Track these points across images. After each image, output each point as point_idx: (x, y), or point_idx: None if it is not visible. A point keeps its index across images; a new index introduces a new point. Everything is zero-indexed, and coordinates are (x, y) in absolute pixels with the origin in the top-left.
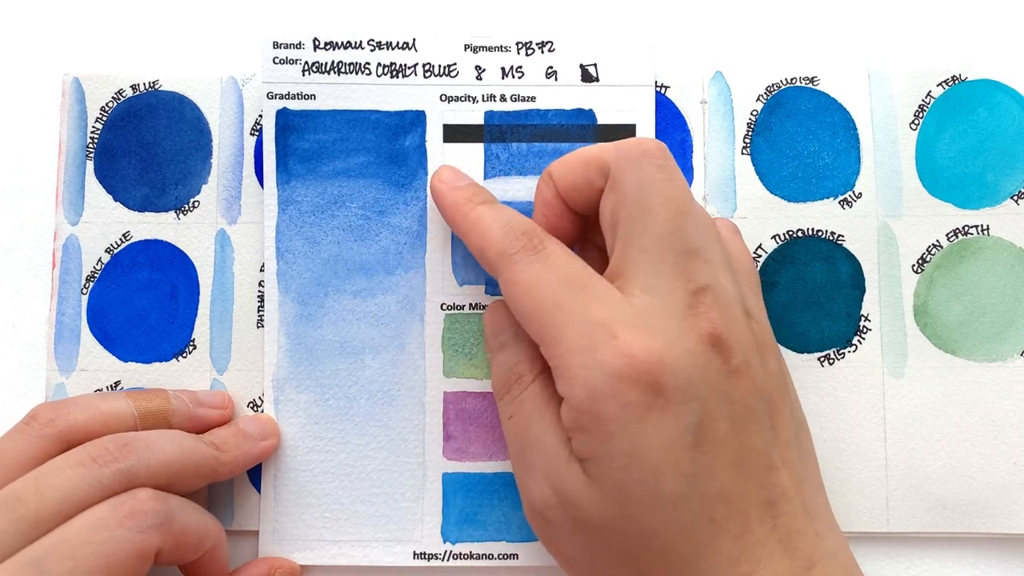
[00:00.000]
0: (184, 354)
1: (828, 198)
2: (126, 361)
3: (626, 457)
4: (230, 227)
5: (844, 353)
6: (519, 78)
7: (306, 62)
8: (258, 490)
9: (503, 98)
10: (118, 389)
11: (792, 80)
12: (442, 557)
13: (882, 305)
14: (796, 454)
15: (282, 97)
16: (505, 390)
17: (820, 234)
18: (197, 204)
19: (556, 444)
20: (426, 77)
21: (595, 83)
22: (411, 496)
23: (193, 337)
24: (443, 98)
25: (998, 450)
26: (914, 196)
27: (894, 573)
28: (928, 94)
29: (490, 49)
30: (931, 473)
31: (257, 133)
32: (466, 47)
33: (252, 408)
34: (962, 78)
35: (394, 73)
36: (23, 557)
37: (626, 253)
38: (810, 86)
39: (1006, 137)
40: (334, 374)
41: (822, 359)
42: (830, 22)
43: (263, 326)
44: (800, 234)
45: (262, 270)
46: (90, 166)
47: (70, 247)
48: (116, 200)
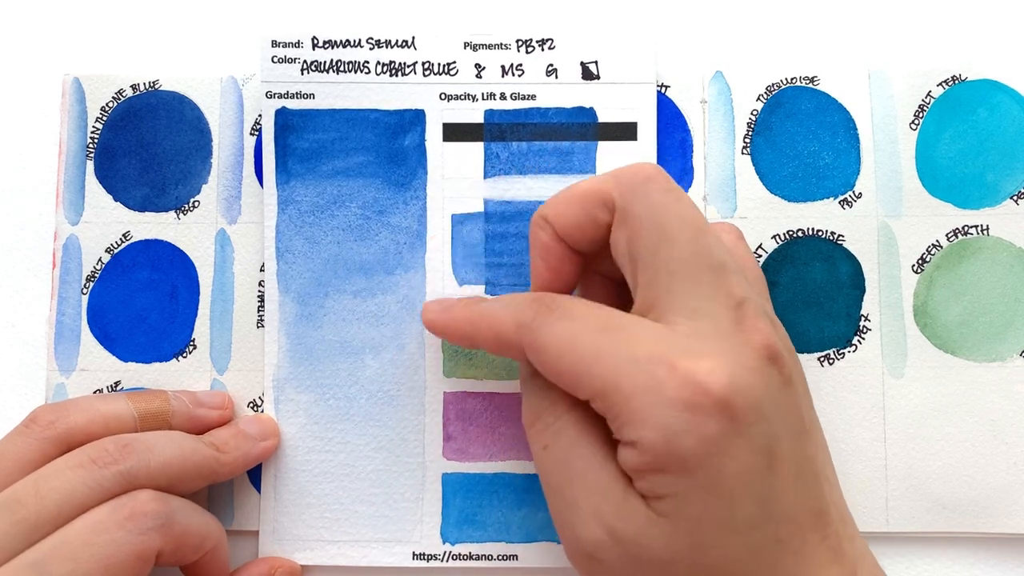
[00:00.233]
0: (184, 354)
1: (828, 198)
2: (126, 361)
3: (705, 490)
4: (230, 227)
5: (844, 353)
6: (519, 76)
7: (305, 61)
8: (258, 490)
9: (503, 96)
10: (118, 389)
11: (792, 80)
12: (441, 558)
13: (882, 305)
14: (827, 453)
15: (281, 96)
16: (536, 417)
17: (820, 234)
18: (197, 204)
19: (606, 481)
20: (425, 75)
21: (596, 81)
22: (411, 496)
23: (193, 337)
24: (443, 97)
25: (998, 450)
26: (914, 196)
27: (894, 573)
28: (928, 94)
29: (490, 47)
30: (931, 473)
31: (257, 133)
32: (466, 45)
33: (252, 408)
34: (962, 78)
35: (393, 72)
36: (24, 559)
37: (655, 282)
38: (810, 86)
39: (1006, 137)
40: (334, 374)
41: (822, 359)
42: (830, 22)
43: (263, 326)
44: (800, 234)
45: (262, 270)
46: (90, 166)
47: (70, 247)
48: (116, 200)
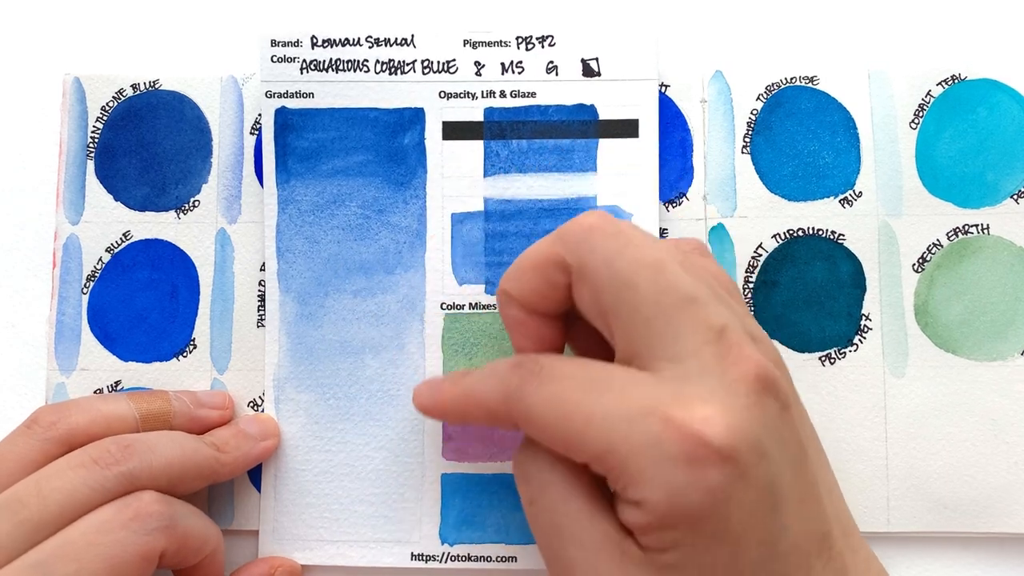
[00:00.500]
0: (184, 354)
1: (828, 197)
2: (126, 361)
3: (711, 541)
4: (230, 226)
5: (845, 352)
6: (519, 73)
7: (304, 60)
8: (258, 490)
9: (503, 94)
10: (119, 389)
11: (792, 79)
12: (440, 558)
13: (883, 304)
14: (826, 467)
15: (280, 96)
16: (521, 470)
17: (820, 233)
18: (197, 203)
19: (600, 539)
20: (425, 74)
21: (597, 78)
22: (410, 497)
23: (193, 337)
24: (442, 95)
25: (999, 449)
26: (914, 195)
27: (895, 573)
28: (928, 93)
29: (489, 44)
30: (932, 472)
31: (257, 132)
32: (465, 42)
33: (252, 408)
34: (962, 78)
35: (392, 70)
36: (27, 560)
37: (630, 333)
38: (810, 85)
39: (1006, 136)
40: (334, 374)
41: (823, 358)
42: (830, 22)
43: (263, 326)
44: (800, 233)
45: (262, 269)
46: (91, 166)
47: (70, 247)
48: (116, 200)
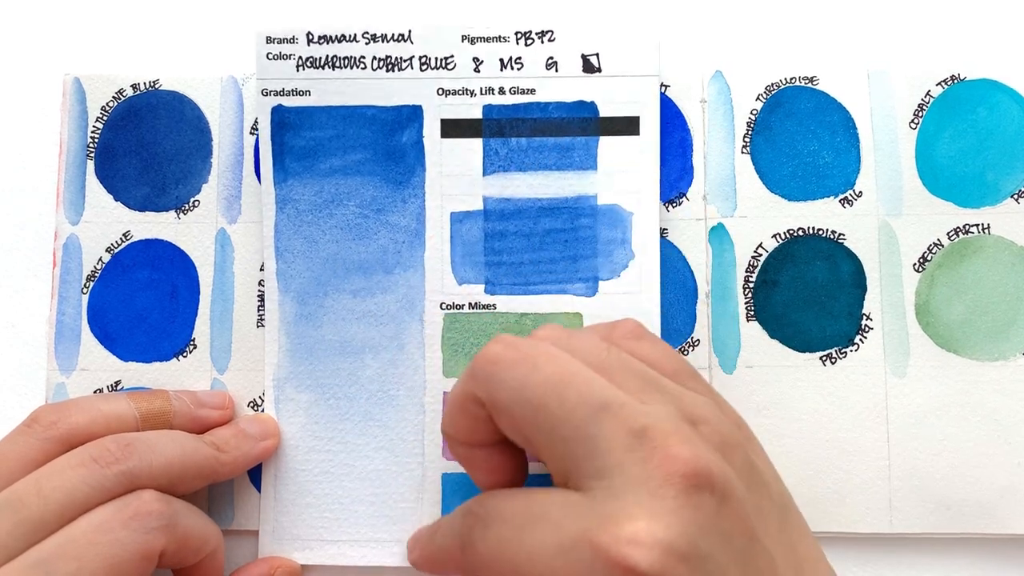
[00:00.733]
0: (184, 354)
1: (828, 197)
2: (126, 361)
3: None
4: (230, 226)
5: (846, 352)
6: (518, 70)
7: (300, 57)
8: (258, 490)
9: (502, 91)
10: (119, 389)
11: (792, 80)
12: None
13: (884, 304)
14: (788, 545)
15: (277, 94)
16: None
17: (821, 233)
18: (197, 203)
19: None
20: (422, 70)
21: (597, 74)
22: (410, 497)
23: (193, 337)
24: (440, 92)
25: (1001, 450)
26: (914, 195)
27: (897, 574)
28: (928, 93)
29: (488, 40)
30: (934, 473)
31: (257, 132)
32: (463, 38)
33: (252, 408)
34: (961, 78)
35: (389, 67)
36: (28, 558)
37: (554, 455)
38: (810, 86)
39: (1006, 136)
40: (334, 373)
41: (824, 358)
42: (830, 22)
43: (263, 325)
44: (801, 233)
45: (262, 269)
46: (91, 166)
47: (70, 247)
48: (116, 200)
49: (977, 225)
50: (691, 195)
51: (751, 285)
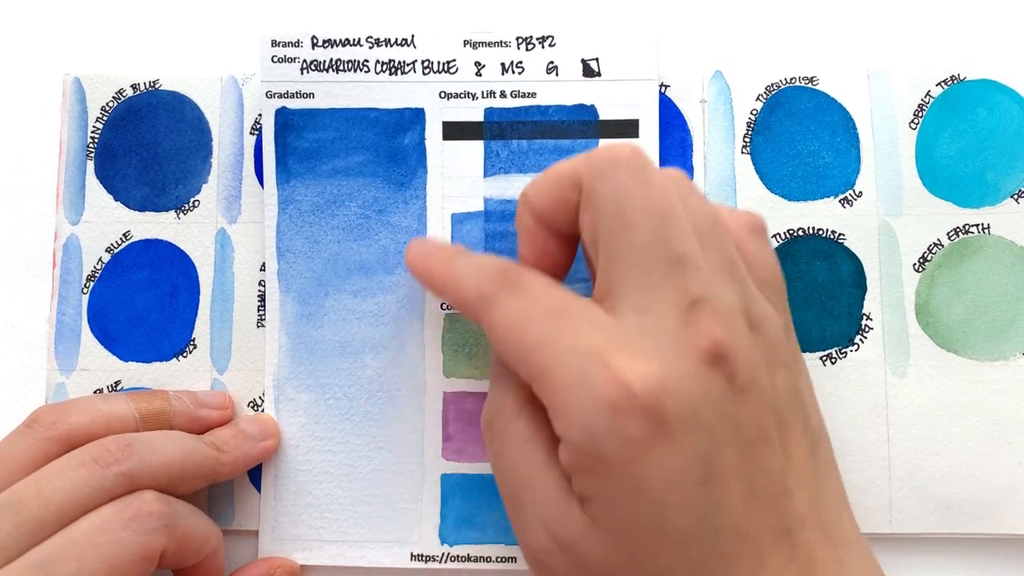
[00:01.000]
0: (184, 354)
1: (828, 197)
2: (126, 361)
3: (631, 496)
4: (230, 226)
5: (846, 352)
6: (519, 74)
7: (304, 60)
8: (258, 490)
9: (503, 94)
10: (118, 389)
11: (792, 80)
12: (439, 559)
13: (884, 304)
14: (812, 472)
15: (281, 96)
16: (489, 424)
17: (821, 233)
18: (197, 203)
19: (549, 487)
20: (425, 74)
21: (597, 78)
22: (410, 497)
23: (193, 337)
24: (442, 95)
25: (1001, 449)
26: (914, 195)
27: (897, 574)
28: (927, 94)
29: (489, 44)
30: (934, 473)
31: (257, 132)
32: (465, 43)
33: (252, 408)
34: (961, 78)
35: (393, 70)
36: (29, 559)
37: (610, 271)
38: (810, 86)
39: (1006, 137)
40: (334, 374)
41: (824, 358)
42: (830, 22)
43: (263, 326)
44: (801, 233)
45: (262, 269)
46: (90, 166)
47: (70, 247)
48: (116, 200)
49: (977, 225)
50: None
51: None
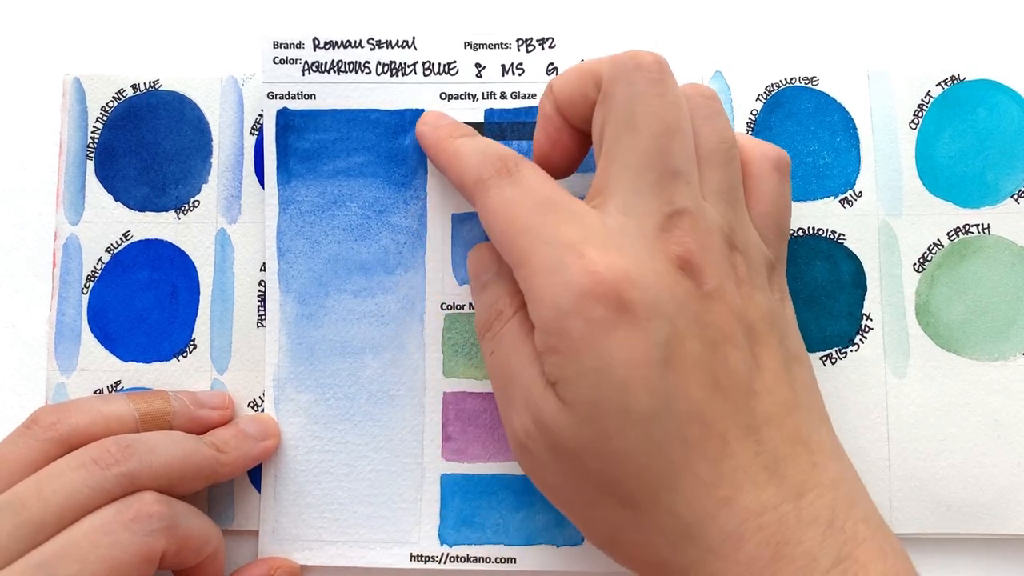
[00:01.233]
0: (184, 354)
1: (828, 197)
2: (126, 361)
3: (594, 375)
4: (230, 227)
5: (846, 352)
6: (519, 75)
7: (306, 62)
8: (258, 490)
9: (503, 96)
10: (118, 389)
11: (792, 80)
12: (439, 559)
13: (884, 304)
14: (786, 383)
15: (282, 97)
16: (486, 327)
17: (821, 233)
18: (197, 204)
19: (533, 374)
20: (426, 75)
21: None
22: (409, 497)
23: (193, 337)
24: (443, 96)
25: (1001, 450)
26: (914, 195)
27: None
28: (927, 94)
29: (490, 46)
30: (934, 473)
31: (257, 132)
32: (466, 44)
33: (252, 408)
34: (961, 78)
35: (394, 72)
36: (30, 560)
37: (608, 170)
38: (810, 86)
39: (1005, 137)
40: (334, 374)
41: (824, 358)
42: (830, 22)
43: (263, 326)
44: (801, 233)
45: (262, 270)
46: (90, 166)
47: (70, 247)
48: (116, 200)
49: (977, 225)
50: None
51: None
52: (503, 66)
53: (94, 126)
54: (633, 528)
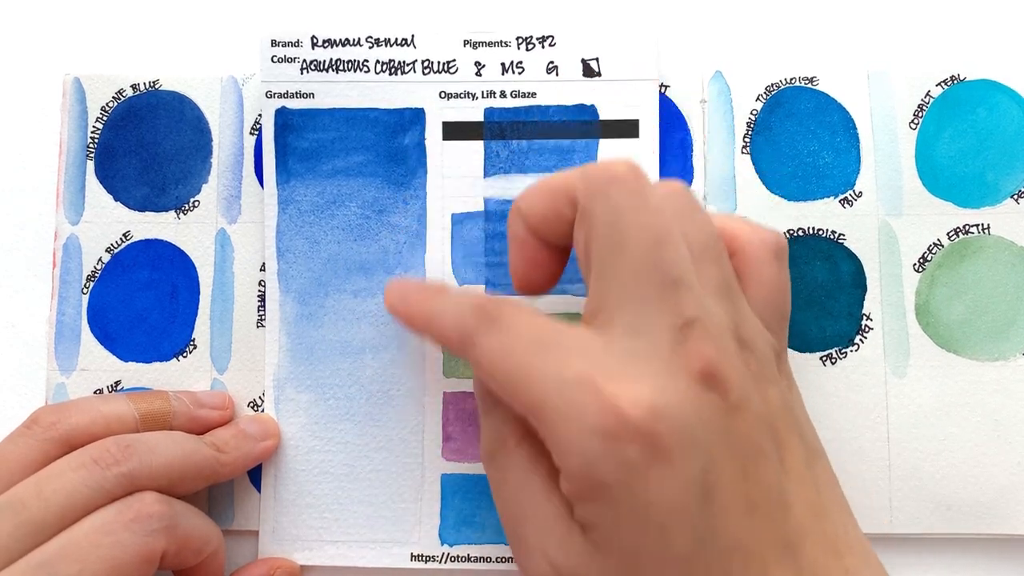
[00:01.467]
0: (184, 354)
1: (828, 197)
2: (126, 361)
3: (633, 521)
4: (230, 227)
5: (846, 352)
6: (519, 74)
7: (304, 60)
8: (258, 490)
9: (503, 94)
10: (118, 389)
11: (792, 80)
12: (439, 559)
13: (884, 304)
14: (811, 485)
15: (281, 96)
16: (490, 457)
17: (821, 233)
18: (197, 204)
19: (550, 516)
20: (425, 74)
21: (597, 78)
22: (409, 497)
23: (193, 337)
24: (442, 95)
25: (1001, 449)
26: (914, 195)
27: (897, 575)
28: (927, 94)
29: (490, 44)
30: (934, 473)
31: (257, 132)
32: (465, 43)
33: (252, 408)
34: (961, 78)
35: (393, 70)
36: (30, 560)
37: (603, 290)
38: (810, 86)
39: (1005, 137)
40: (334, 374)
41: (824, 358)
42: (830, 22)
43: (263, 326)
44: (801, 233)
45: (262, 270)
46: (90, 166)
47: (70, 247)
48: (116, 200)
49: (977, 225)
50: None
51: None
52: (503, 64)
53: (94, 126)
54: None
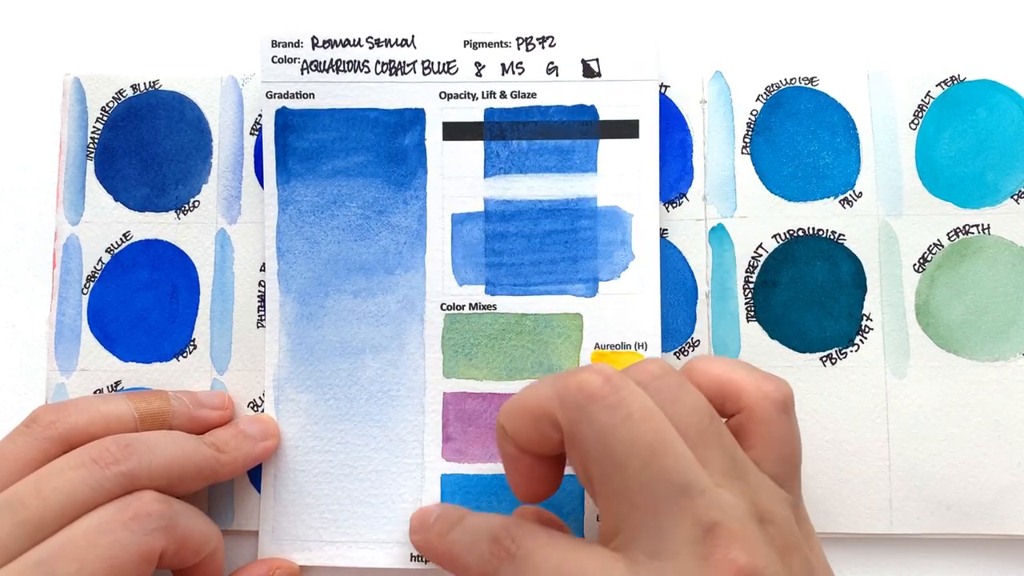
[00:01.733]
0: (184, 354)
1: (828, 197)
2: (126, 361)
3: None
4: (230, 227)
5: (846, 353)
6: (519, 74)
7: (305, 61)
8: (258, 490)
9: (503, 95)
10: (118, 389)
11: (792, 80)
12: None
13: (884, 304)
14: None
15: (281, 96)
16: None
17: (821, 233)
18: (197, 204)
19: None
20: (425, 74)
21: (597, 78)
22: (410, 498)
23: (193, 337)
24: (442, 95)
25: (1001, 450)
26: (914, 195)
27: (897, 574)
28: (927, 94)
29: (490, 45)
30: (934, 473)
31: (257, 133)
32: (465, 43)
33: (252, 408)
34: (961, 78)
35: (393, 71)
36: (29, 559)
37: (613, 511)
38: (810, 86)
39: (1005, 137)
40: (334, 374)
41: (824, 359)
42: (830, 22)
43: (263, 326)
44: (801, 233)
45: (262, 270)
46: (90, 166)
47: (70, 247)
48: (116, 200)
49: (977, 225)
50: (691, 196)
51: (751, 285)
52: (503, 65)
53: (94, 126)
54: None
